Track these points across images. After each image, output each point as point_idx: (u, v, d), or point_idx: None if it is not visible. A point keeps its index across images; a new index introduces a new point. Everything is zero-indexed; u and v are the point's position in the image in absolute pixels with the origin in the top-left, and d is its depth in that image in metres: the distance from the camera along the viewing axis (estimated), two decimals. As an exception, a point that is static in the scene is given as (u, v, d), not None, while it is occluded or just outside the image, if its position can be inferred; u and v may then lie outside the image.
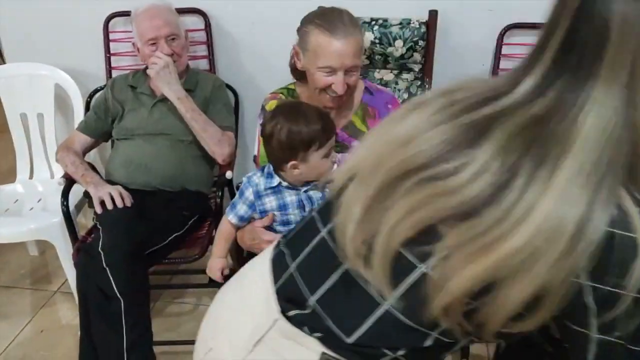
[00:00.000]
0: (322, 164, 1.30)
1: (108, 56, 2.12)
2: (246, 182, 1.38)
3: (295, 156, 1.27)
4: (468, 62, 1.99)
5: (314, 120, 1.26)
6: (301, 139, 1.25)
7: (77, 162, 1.84)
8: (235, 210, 1.39)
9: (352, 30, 1.40)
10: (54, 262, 2.42)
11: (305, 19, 1.47)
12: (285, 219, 1.37)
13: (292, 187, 1.34)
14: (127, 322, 1.54)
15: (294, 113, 1.28)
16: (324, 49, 1.39)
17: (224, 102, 1.94)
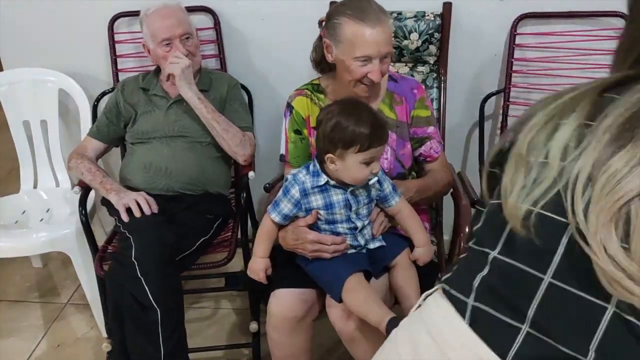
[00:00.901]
0: (359, 170, 1.27)
1: (114, 58, 2.05)
2: (292, 180, 1.34)
3: (334, 150, 1.26)
4: (481, 53, 2.01)
5: (364, 122, 1.23)
6: (342, 135, 1.23)
7: (93, 169, 1.78)
8: (278, 208, 1.36)
9: (384, 17, 1.41)
10: (58, 273, 2.36)
11: (334, 11, 1.45)
12: (331, 218, 1.35)
13: (339, 186, 1.32)
14: (163, 332, 1.50)
15: (350, 109, 1.26)
16: (360, 39, 1.38)
17: (241, 101, 1.90)
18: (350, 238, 1.36)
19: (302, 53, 1.96)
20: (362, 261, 1.35)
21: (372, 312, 1.24)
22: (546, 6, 1.90)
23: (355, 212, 1.35)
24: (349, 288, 1.28)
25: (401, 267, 1.38)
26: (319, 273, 1.37)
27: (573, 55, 1.93)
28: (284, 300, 1.41)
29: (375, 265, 1.38)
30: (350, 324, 1.34)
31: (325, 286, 1.37)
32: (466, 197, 1.60)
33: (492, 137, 2.14)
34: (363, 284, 1.30)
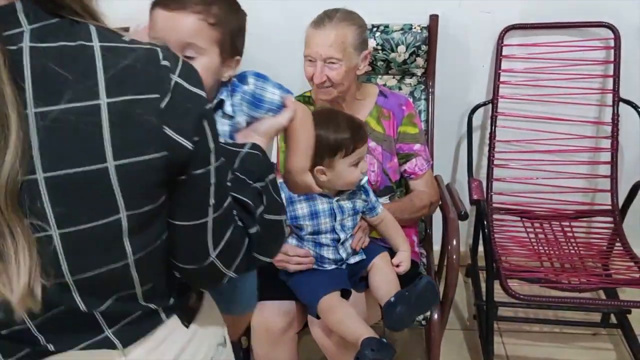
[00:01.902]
0: (350, 173, 1.30)
1: (103, 74, 2.05)
2: (279, 187, 1.35)
3: (322, 162, 1.28)
4: (469, 64, 2.02)
5: (343, 128, 1.27)
6: (327, 144, 1.26)
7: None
8: None
9: (337, 23, 1.45)
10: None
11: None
12: (315, 229, 1.35)
13: (325, 195, 1.33)
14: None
15: (326, 119, 1.28)
16: (308, 39, 1.49)
17: (230, 115, 1.90)
18: (332, 250, 1.36)
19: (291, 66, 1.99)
20: (340, 279, 1.35)
21: (348, 330, 1.24)
22: (532, 17, 1.91)
23: (340, 223, 1.35)
24: (324, 309, 1.28)
25: (378, 267, 1.37)
26: (297, 289, 1.38)
27: (560, 66, 1.94)
28: (266, 312, 1.42)
29: (355, 276, 1.38)
30: (332, 340, 1.34)
31: (304, 302, 1.38)
32: (454, 209, 1.60)
33: (480, 148, 2.14)
34: (338, 304, 1.29)
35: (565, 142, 2.00)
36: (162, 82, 0.64)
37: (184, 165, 0.66)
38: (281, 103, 0.94)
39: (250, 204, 0.77)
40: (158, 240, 0.70)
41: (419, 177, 1.61)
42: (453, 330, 2.02)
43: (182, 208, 0.70)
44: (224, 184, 0.73)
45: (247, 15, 1.00)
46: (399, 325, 1.22)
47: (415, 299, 1.20)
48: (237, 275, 0.77)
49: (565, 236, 1.90)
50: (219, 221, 0.72)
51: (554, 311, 1.97)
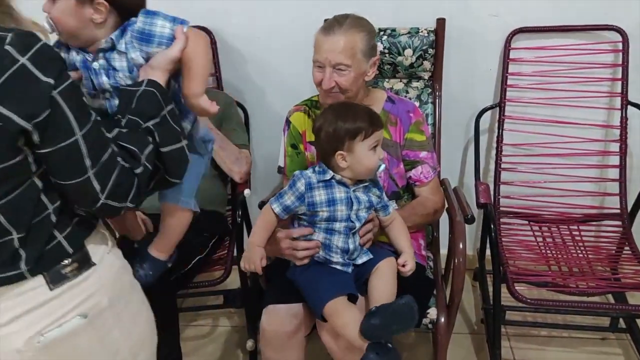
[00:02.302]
0: (369, 157, 1.33)
1: (112, 78, 2.07)
2: (298, 174, 1.37)
3: (342, 146, 1.31)
4: (476, 67, 2.02)
5: (361, 115, 1.33)
6: (347, 129, 1.31)
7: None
8: (282, 199, 1.37)
9: (346, 30, 1.46)
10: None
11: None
12: (332, 215, 1.35)
13: (343, 184, 1.35)
14: (159, 353, 1.49)
15: (343, 109, 1.35)
16: (317, 45, 1.49)
17: (237, 120, 1.92)
18: (343, 239, 1.36)
19: (297, 70, 2.00)
20: (346, 284, 1.34)
21: (354, 334, 1.23)
22: (540, 20, 1.91)
23: (355, 213, 1.36)
24: (329, 313, 1.28)
25: (380, 272, 1.35)
26: (304, 289, 1.38)
27: (568, 69, 1.94)
28: (275, 315, 1.41)
29: (360, 280, 1.38)
30: (340, 343, 1.34)
31: (310, 304, 1.37)
32: (460, 213, 1.60)
33: (488, 151, 2.14)
34: (344, 308, 1.29)
35: (574, 145, 1.99)
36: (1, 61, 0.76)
37: (34, 140, 0.81)
38: (172, 35, 1.01)
39: (135, 151, 0.91)
40: (17, 191, 0.84)
41: (423, 184, 1.61)
42: (460, 334, 2.01)
43: (60, 173, 0.85)
44: (99, 142, 0.87)
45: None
46: (370, 335, 1.21)
47: (390, 314, 1.20)
48: (135, 205, 0.93)
49: (574, 240, 1.89)
50: (100, 173, 0.87)
51: (562, 315, 1.96)
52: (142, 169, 0.92)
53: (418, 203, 1.60)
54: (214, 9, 2.01)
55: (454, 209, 1.62)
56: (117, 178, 0.89)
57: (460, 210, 1.62)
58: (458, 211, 1.61)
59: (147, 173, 0.93)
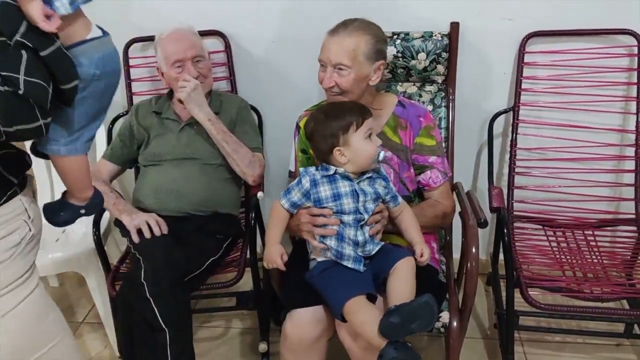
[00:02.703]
0: (366, 146, 1.36)
1: (129, 82, 2.10)
2: (303, 172, 1.42)
3: (338, 141, 1.35)
4: (490, 71, 2.01)
5: (349, 108, 1.39)
6: (339, 125, 1.35)
7: (106, 190, 1.82)
8: (289, 195, 1.42)
9: (351, 32, 1.48)
10: (74, 292, 2.39)
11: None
12: (339, 209, 1.38)
13: (347, 178, 1.38)
14: (172, 352, 1.51)
15: (332, 109, 1.41)
16: (322, 45, 1.53)
17: (251, 123, 1.93)
18: (354, 231, 1.37)
19: (311, 74, 2.00)
20: (365, 283, 1.35)
21: (373, 333, 1.24)
22: (555, 24, 1.90)
23: (362, 204, 1.37)
24: (349, 311, 1.28)
25: (399, 272, 1.35)
26: (322, 290, 1.38)
27: (584, 73, 1.93)
28: (300, 321, 1.42)
29: (378, 280, 1.38)
30: (359, 343, 1.34)
31: (329, 304, 1.37)
32: (473, 217, 1.60)
33: (501, 155, 2.13)
34: (363, 307, 1.29)
35: (589, 150, 1.98)
36: None
37: None
38: None
39: (12, 76, 0.90)
40: None
41: (432, 189, 1.61)
42: (473, 339, 2.00)
43: None
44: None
45: None
46: (388, 333, 1.21)
47: (409, 312, 1.20)
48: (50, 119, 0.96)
49: (588, 245, 1.88)
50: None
51: (576, 321, 1.94)
52: (24, 87, 0.91)
53: (427, 205, 1.61)
54: (229, 14, 2.03)
55: (467, 213, 1.62)
56: (4, 105, 0.90)
57: (473, 214, 1.62)
58: (471, 215, 1.61)
59: (36, 87, 0.92)
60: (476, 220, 1.59)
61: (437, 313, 1.22)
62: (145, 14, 2.04)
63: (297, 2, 1.98)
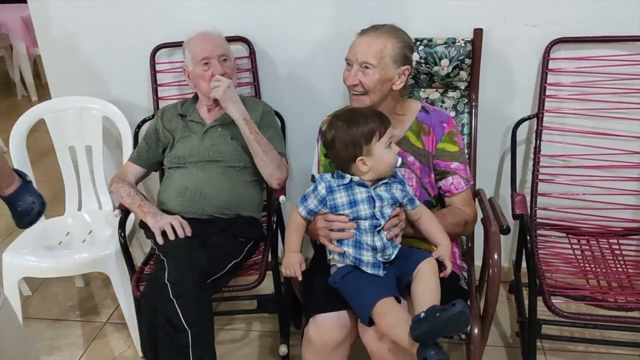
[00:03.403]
0: (387, 154, 1.38)
1: (155, 87, 2.15)
2: (319, 179, 1.43)
3: (361, 151, 1.36)
4: (513, 78, 2.00)
5: (368, 115, 1.39)
6: (362, 134, 1.36)
7: (132, 192, 1.86)
8: (306, 203, 1.44)
9: (380, 34, 1.51)
10: (99, 293, 2.44)
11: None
12: (355, 215, 1.39)
13: (363, 185, 1.39)
14: (194, 353, 1.53)
15: (350, 114, 1.41)
16: (351, 45, 1.55)
17: (275, 127, 1.96)
18: (371, 236, 1.38)
19: (334, 80, 2.03)
20: (391, 286, 1.36)
21: (402, 337, 1.24)
22: (580, 31, 1.89)
23: (379, 210, 1.38)
24: (379, 312, 1.29)
25: (422, 275, 1.35)
26: (348, 295, 1.39)
27: (609, 80, 1.91)
28: (323, 325, 1.42)
29: (402, 283, 1.38)
30: (383, 346, 1.34)
31: (355, 309, 1.38)
32: (496, 224, 1.59)
33: (524, 162, 2.11)
34: (393, 308, 1.31)
35: (614, 157, 1.95)
36: None
37: None
38: None
39: None
40: None
41: (454, 195, 1.61)
42: (495, 347, 1.99)
43: None
44: None
45: None
46: (421, 340, 1.21)
47: (443, 322, 1.19)
48: None
49: (613, 254, 1.85)
50: None
51: (599, 331, 1.91)
52: None
53: (449, 211, 1.60)
54: (254, 21, 2.06)
55: (489, 220, 1.61)
56: None
57: (495, 220, 1.61)
58: (493, 222, 1.60)
59: None
60: (498, 226, 1.58)
61: (470, 319, 1.22)
62: (172, 21, 2.08)
63: (322, 9, 2.00)
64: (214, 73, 1.80)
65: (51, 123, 2.18)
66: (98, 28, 2.14)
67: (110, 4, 2.09)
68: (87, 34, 2.15)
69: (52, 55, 2.22)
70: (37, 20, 2.17)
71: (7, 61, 5.04)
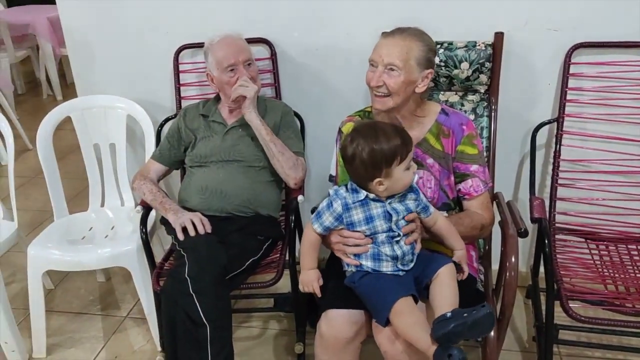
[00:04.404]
0: (405, 176, 1.36)
1: (178, 87, 2.19)
2: (334, 195, 1.41)
3: (380, 173, 1.33)
4: (534, 82, 2.00)
5: (392, 136, 1.33)
6: (383, 155, 1.31)
7: (154, 190, 1.89)
8: (321, 220, 1.42)
9: (406, 36, 1.51)
10: (120, 287, 2.48)
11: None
12: (372, 231, 1.39)
13: (378, 200, 1.38)
14: (212, 348, 1.56)
15: (373, 132, 1.34)
16: (375, 47, 1.55)
17: (294, 128, 1.98)
18: (389, 247, 1.39)
19: (353, 82, 2.05)
20: (410, 285, 1.37)
21: (421, 338, 1.25)
22: (602, 36, 1.88)
23: (395, 224, 1.38)
24: (398, 311, 1.30)
25: (441, 279, 1.36)
26: (366, 295, 1.40)
27: (631, 85, 1.89)
28: (335, 321, 1.44)
29: (419, 285, 1.39)
30: (397, 347, 1.35)
31: (372, 309, 1.39)
32: (513, 227, 1.59)
33: (544, 167, 2.10)
34: (412, 308, 1.32)
35: (635, 162, 1.94)
36: None
37: None
38: None
39: None
40: None
41: (473, 198, 1.61)
42: (511, 351, 1.98)
43: None
44: None
45: None
46: (445, 341, 1.22)
47: (471, 323, 1.19)
48: None
49: (632, 260, 1.84)
50: None
51: (617, 337, 1.90)
52: None
53: (465, 214, 1.61)
54: (276, 22, 2.09)
55: (507, 223, 1.61)
56: None
57: (513, 224, 1.61)
58: (511, 225, 1.60)
59: None
60: (516, 229, 1.58)
61: (495, 322, 1.22)
62: (195, 22, 2.12)
63: (343, 11, 2.01)
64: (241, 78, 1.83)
65: (77, 121, 2.23)
66: (124, 29, 2.18)
67: (136, 4, 2.13)
68: (113, 34, 2.20)
69: (79, 54, 2.27)
70: (65, 20, 2.23)
71: (34, 61, 5.15)
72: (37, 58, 4.96)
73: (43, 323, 2.07)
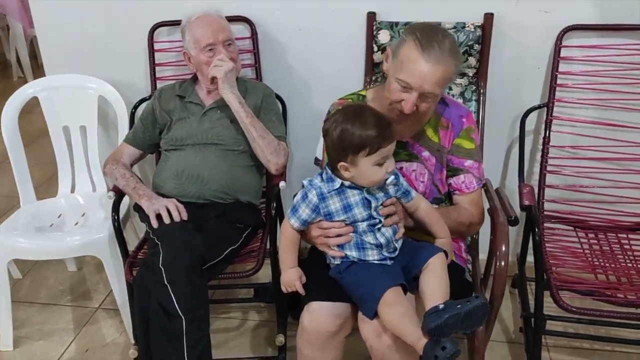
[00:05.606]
0: (373, 172, 1.27)
1: (153, 67, 2.08)
2: (308, 185, 1.34)
3: (345, 158, 1.26)
4: (523, 65, 1.94)
5: (370, 125, 1.23)
6: (350, 141, 1.24)
7: (127, 174, 1.80)
8: (297, 214, 1.35)
9: (446, 58, 1.35)
10: (92, 277, 2.39)
11: (410, 27, 1.43)
12: (352, 220, 1.32)
13: (355, 187, 1.31)
14: (188, 340, 1.48)
15: (353, 115, 1.26)
16: (410, 65, 1.35)
17: (275, 111, 1.89)
18: (372, 235, 1.32)
19: (337, 64, 1.98)
20: (398, 275, 1.31)
21: (410, 330, 1.20)
22: (594, 18, 1.83)
23: (375, 210, 1.32)
24: (387, 302, 1.24)
25: (432, 269, 1.30)
26: (353, 288, 1.34)
27: (622, 70, 1.85)
28: (317, 314, 1.37)
29: (408, 275, 1.33)
30: (384, 341, 1.29)
31: (359, 302, 1.33)
32: (503, 214, 1.53)
33: (532, 153, 2.06)
34: (401, 299, 1.26)
35: (625, 149, 1.90)
36: None
37: None
38: None
39: None
40: None
41: (463, 194, 1.55)
42: (498, 343, 1.94)
43: None
44: None
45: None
46: (438, 333, 1.16)
47: (464, 315, 1.14)
48: None
49: (622, 249, 1.80)
50: None
51: (605, 328, 1.87)
52: None
53: (454, 208, 1.55)
54: (256, 0, 1.99)
55: (497, 210, 1.55)
56: None
57: (502, 211, 1.55)
58: (501, 212, 1.54)
59: None
60: (506, 217, 1.52)
61: (488, 313, 1.17)
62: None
63: (327, -11, 1.93)
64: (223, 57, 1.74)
65: (44, 102, 2.11)
66: (95, 5, 2.06)
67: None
68: (83, 10, 2.08)
69: (47, 31, 2.15)
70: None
71: (4, 42, 4.96)
72: (7, 38, 4.77)
73: (9, 314, 1.97)
